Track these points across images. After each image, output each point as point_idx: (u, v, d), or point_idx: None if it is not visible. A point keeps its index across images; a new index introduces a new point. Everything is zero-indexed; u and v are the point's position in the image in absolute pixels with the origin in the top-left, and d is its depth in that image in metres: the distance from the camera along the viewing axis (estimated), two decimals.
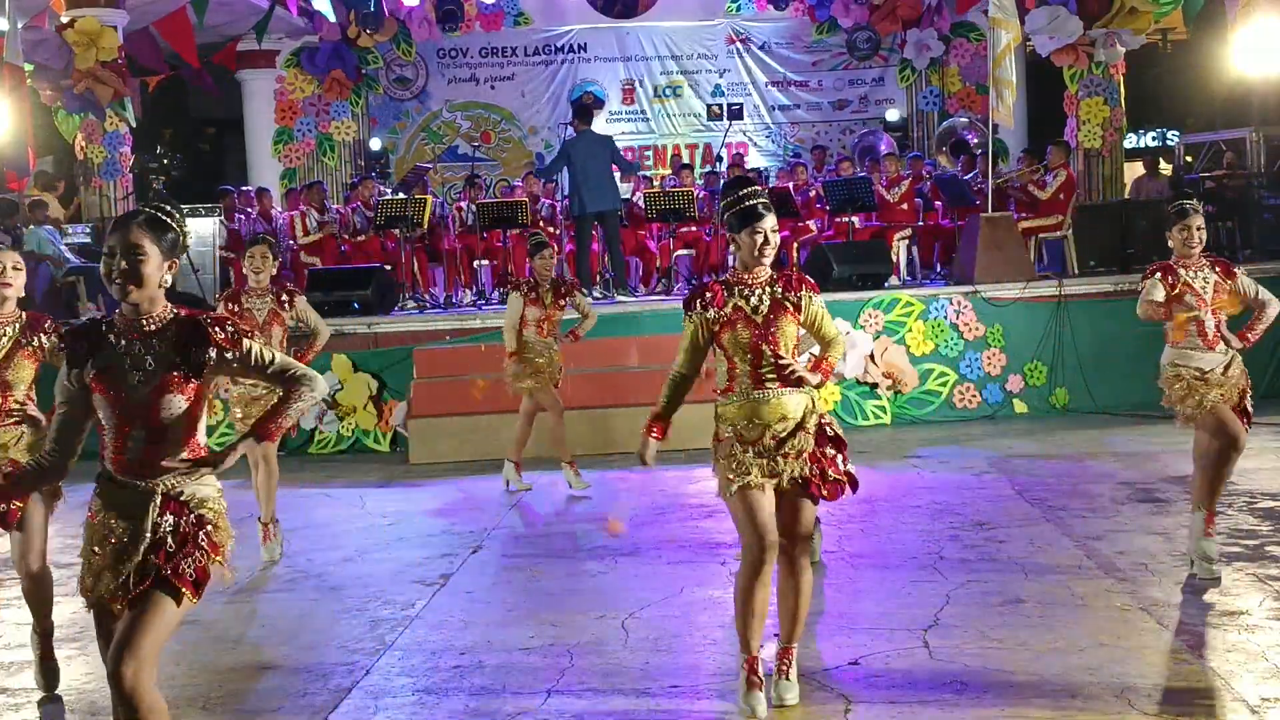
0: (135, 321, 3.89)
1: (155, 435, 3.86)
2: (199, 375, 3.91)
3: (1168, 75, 24.69)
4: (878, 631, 6.05)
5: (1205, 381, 6.54)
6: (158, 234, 3.88)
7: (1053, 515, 8.35)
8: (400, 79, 20.48)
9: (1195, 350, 6.57)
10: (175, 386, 3.87)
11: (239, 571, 7.81)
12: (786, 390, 4.99)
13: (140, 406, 3.84)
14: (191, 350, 3.88)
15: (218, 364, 3.92)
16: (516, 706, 5.32)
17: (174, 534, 3.87)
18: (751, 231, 4.95)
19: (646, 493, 9.67)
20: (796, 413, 5.00)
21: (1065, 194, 14.77)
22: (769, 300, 5.01)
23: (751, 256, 5.00)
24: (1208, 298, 6.54)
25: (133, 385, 3.84)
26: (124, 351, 3.86)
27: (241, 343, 3.94)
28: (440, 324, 13.15)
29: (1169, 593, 6.51)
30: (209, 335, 3.90)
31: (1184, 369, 6.58)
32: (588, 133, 14.23)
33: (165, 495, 3.87)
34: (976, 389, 12.78)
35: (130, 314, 3.90)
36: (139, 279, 3.83)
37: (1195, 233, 6.57)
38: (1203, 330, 6.54)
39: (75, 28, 15.18)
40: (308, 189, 16.39)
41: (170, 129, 22.59)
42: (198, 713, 5.46)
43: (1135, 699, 5.03)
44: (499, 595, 7.12)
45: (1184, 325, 6.56)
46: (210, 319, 3.95)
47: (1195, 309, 6.50)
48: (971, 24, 19.61)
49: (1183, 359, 6.60)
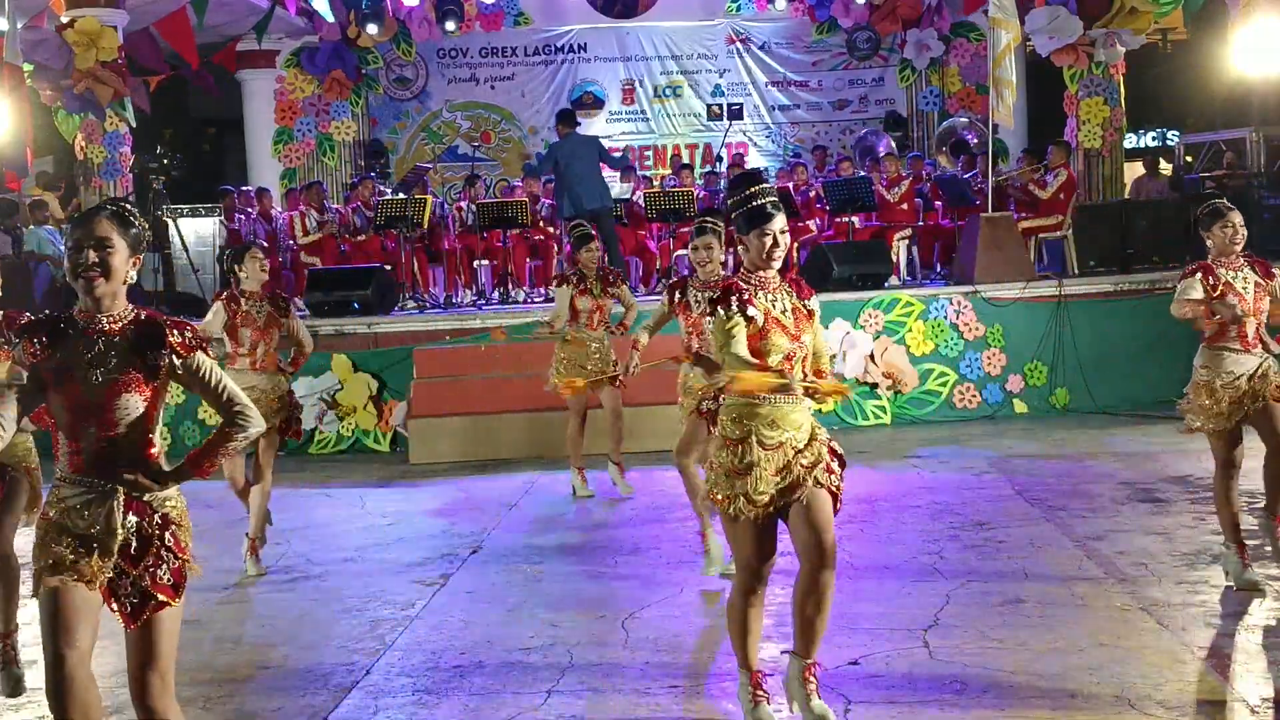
0: (95, 318, 3.85)
1: (110, 435, 3.82)
2: (155, 377, 3.87)
3: (1168, 75, 24.69)
4: (877, 632, 6.05)
5: (1233, 388, 6.32)
6: (124, 227, 3.86)
7: (1053, 515, 8.35)
8: (400, 79, 20.48)
9: (1232, 353, 6.36)
10: (133, 387, 3.83)
11: (251, 574, 7.85)
12: (803, 401, 4.78)
13: (96, 405, 3.81)
14: (148, 351, 3.85)
15: (170, 369, 3.88)
16: (516, 707, 5.32)
17: (137, 534, 3.85)
18: (760, 233, 4.72)
19: (646, 492, 9.67)
20: (808, 424, 4.79)
21: (1065, 194, 14.78)
22: (790, 305, 4.81)
23: (761, 259, 4.76)
24: (1250, 298, 6.36)
25: (91, 384, 3.80)
26: (84, 349, 3.82)
27: (195, 352, 3.91)
28: (440, 324, 13.15)
29: (1169, 593, 6.50)
30: (166, 338, 3.86)
31: (1217, 378, 6.35)
32: (573, 135, 14.28)
33: (127, 495, 3.85)
34: (976, 389, 12.78)
35: (90, 309, 3.86)
36: (108, 270, 3.81)
37: (1239, 230, 6.43)
38: (1243, 332, 6.34)
39: (75, 28, 15.16)
40: (307, 189, 16.40)
41: (170, 129, 22.58)
42: (198, 712, 5.45)
43: (1135, 699, 5.03)
44: (499, 595, 7.12)
45: (1223, 325, 6.36)
46: (170, 322, 3.92)
47: (1234, 307, 6.28)
48: (971, 24, 19.61)
49: (1216, 363, 6.38)
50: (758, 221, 4.71)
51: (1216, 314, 6.38)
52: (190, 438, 12.36)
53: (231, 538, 8.71)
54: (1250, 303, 6.36)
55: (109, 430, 3.82)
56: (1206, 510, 8.19)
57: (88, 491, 3.84)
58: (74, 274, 3.83)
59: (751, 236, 4.73)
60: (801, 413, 4.76)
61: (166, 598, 3.85)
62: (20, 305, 5.79)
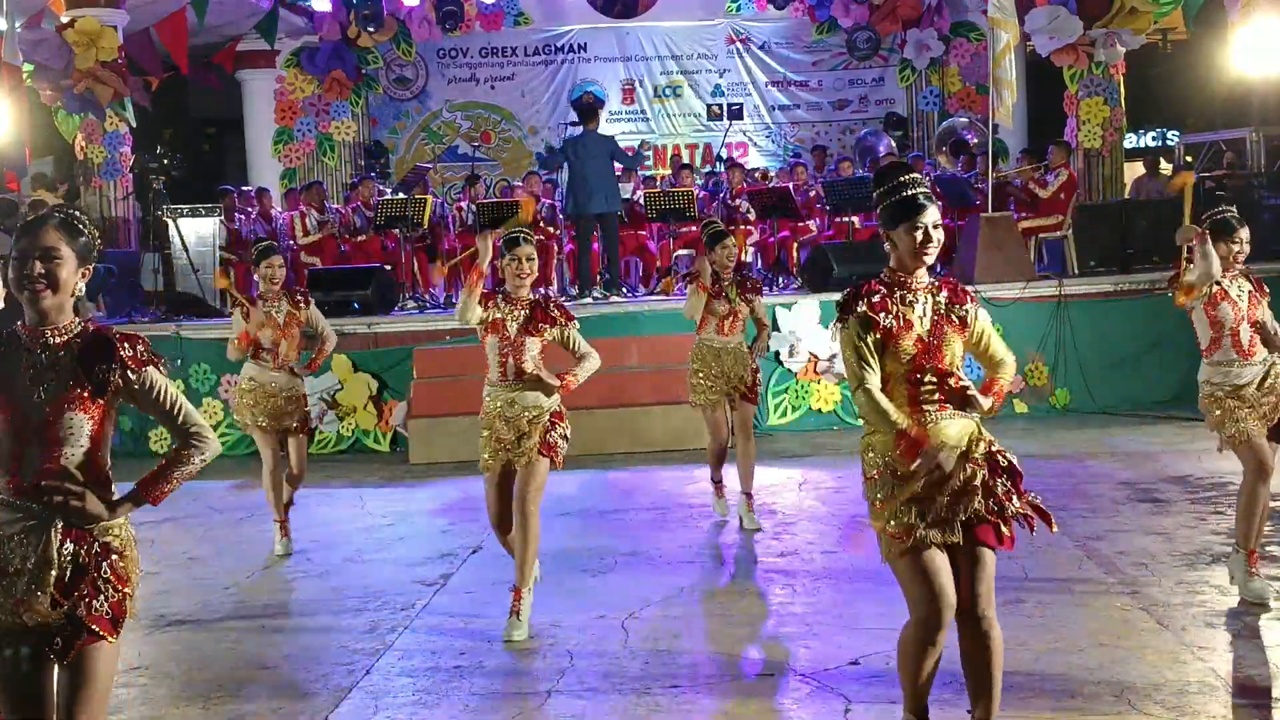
0: (39, 332, 3.59)
1: (53, 456, 3.53)
2: (103, 394, 3.59)
3: (1168, 75, 24.68)
4: (878, 632, 6.04)
5: (1241, 399, 6.32)
6: (72, 236, 3.61)
7: (1052, 515, 8.34)
8: (400, 79, 20.49)
9: (1232, 365, 6.36)
10: (78, 404, 3.55)
11: (251, 575, 7.86)
12: (948, 414, 4.30)
13: (38, 424, 3.53)
14: (96, 366, 3.57)
15: (121, 386, 3.61)
16: (517, 707, 5.32)
17: (74, 563, 3.51)
18: (911, 227, 4.24)
19: (646, 493, 9.67)
20: (961, 441, 4.29)
21: (1066, 194, 14.78)
22: (932, 311, 4.34)
23: (912, 256, 4.29)
24: (1244, 307, 6.37)
25: (32, 401, 3.53)
26: (26, 364, 3.56)
27: (147, 367, 3.64)
28: (440, 324, 13.13)
29: (1169, 593, 6.51)
30: (116, 352, 3.59)
31: (1219, 389, 6.36)
32: (590, 133, 14.15)
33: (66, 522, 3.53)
34: (976, 388, 12.74)
35: (35, 323, 3.60)
36: (54, 283, 3.56)
37: (1245, 246, 6.42)
38: (1238, 341, 6.35)
39: (75, 28, 15.18)
40: (307, 189, 16.41)
41: (170, 129, 22.57)
42: (198, 712, 5.46)
43: (1135, 699, 5.03)
44: (499, 595, 7.11)
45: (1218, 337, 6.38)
46: (120, 335, 3.64)
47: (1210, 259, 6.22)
48: (971, 24, 19.62)
49: (1220, 376, 6.38)
50: (910, 214, 4.24)
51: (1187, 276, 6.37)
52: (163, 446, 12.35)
53: (232, 538, 8.73)
54: (1244, 310, 6.38)
55: (52, 451, 3.53)
56: (1207, 510, 8.21)
57: (25, 518, 3.51)
58: (19, 286, 3.56)
59: (901, 231, 4.26)
60: (944, 432, 4.28)
61: (103, 631, 3.50)
62: None
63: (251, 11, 17.57)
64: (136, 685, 5.86)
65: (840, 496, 9.18)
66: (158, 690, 5.80)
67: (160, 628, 6.81)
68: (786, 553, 7.77)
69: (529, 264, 6.33)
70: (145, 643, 6.52)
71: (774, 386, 12.43)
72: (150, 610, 7.12)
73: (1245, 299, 6.40)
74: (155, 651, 6.40)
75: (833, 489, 9.48)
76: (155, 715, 5.47)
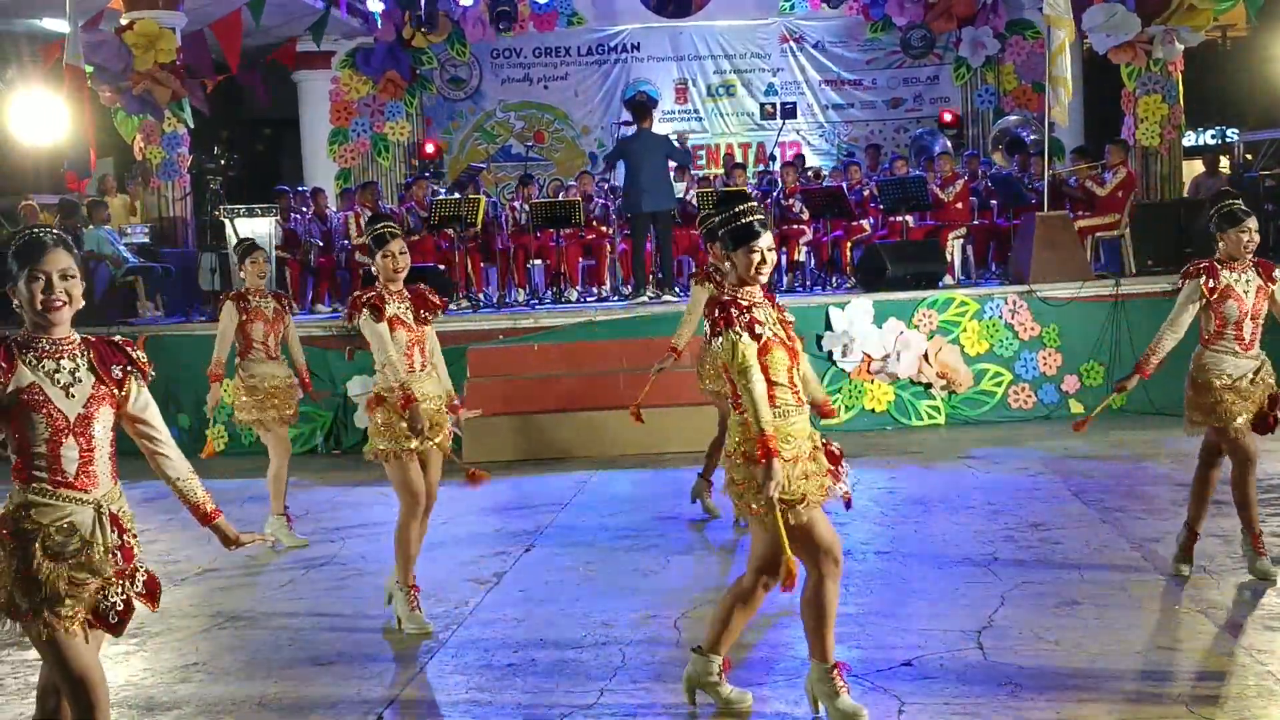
0: (55, 341, 3.91)
1: (87, 452, 3.90)
2: (120, 391, 3.99)
3: (1227, 72, 24.42)
4: (931, 632, 6.02)
5: (1235, 390, 6.44)
6: (75, 254, 3.94)
7: (1109, 516, 8.28)
8: (454, 79, 20.60)
9: (1229, 355, 6.50)
10: (103, 402, 3.94)
11: (306, 571, 7.92)
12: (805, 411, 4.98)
13: (74, 424, 3.88)
14: (114, 367, 3.98)
15: (130, 387, 4.04)
16: (569, 704, 5.33)
17: (120, 547, 3.94)
18: (749, 250, 4.87)
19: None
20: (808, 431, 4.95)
21: (1124, 192, 14.63)
22: (776, 318, 4.97)
23: (749, 275, 4.91)
24: (1249, 301, 6.45)
25: (66, 403, 3.87)
26: (52, 370, 3.88)
27: (147, 378, 4.09)
28: (493, 323, 13.19)
29: (1226, 595, 6.44)
30: (127, 351, 4.04)
31: (1215, 377, 6.49)
32: (645, 132, 14.12)
33: (103, 509, 3.94)
34: (1032, 389, 12.68)
35: (47, 334, 3.91)
36: (73, 299, 3.91)
37: (1254, 236, 6.46)
38: (1240, 334, 6.47)
39: (134, 30, 15.35)
40: (362, 189, 16.49)
41: (227, 130, 22.79)
42: (253, 709, 5.50)
43: (1192, 703, 4.98)
44: (552, 594, 7.14)
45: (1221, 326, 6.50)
46: (125, 341, 4.08)
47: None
48: (1028, 21, 19.50)
49: (1215, 364, 6.52)
50: (747, 238, 4.87)
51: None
52: None
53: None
54: (1249, 305, 6.43)
55: (87, 447, 3.90)
56: (1266, 512, 8.09)
57: (72, 511, 3.88)
58: (43, 305, 3.85)
59: (740, 253, 4.90)
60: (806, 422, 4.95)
61: (146, 605, 4.02)
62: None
63: (307, 12, 17.69)
64: (194, 680, 5.92)
65: (893, 497, 9.16)
66: (214, 686, 5.85)
67: (218, 624, 6.87)
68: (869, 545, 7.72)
69: (402, 258, 6.52)
70: (202, 639, 6.59)
71: (827, 386, 12.38)
72: (208, 606, 7.20)
73: (1252, 293, 6.46)
74: (211, 646, 6.46)
75: (886, 489, 9.45)
76: (212, 710, 5.52)
